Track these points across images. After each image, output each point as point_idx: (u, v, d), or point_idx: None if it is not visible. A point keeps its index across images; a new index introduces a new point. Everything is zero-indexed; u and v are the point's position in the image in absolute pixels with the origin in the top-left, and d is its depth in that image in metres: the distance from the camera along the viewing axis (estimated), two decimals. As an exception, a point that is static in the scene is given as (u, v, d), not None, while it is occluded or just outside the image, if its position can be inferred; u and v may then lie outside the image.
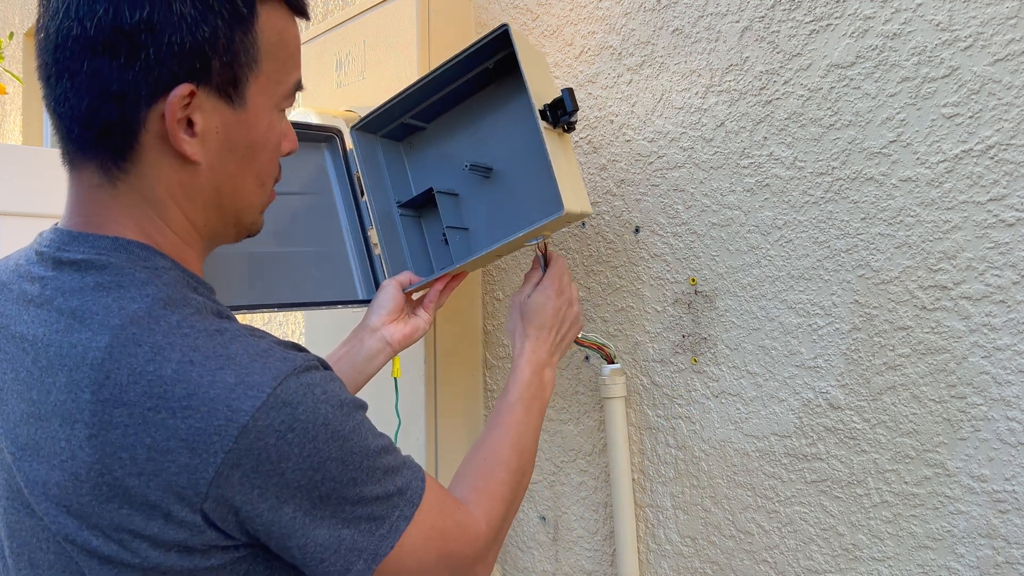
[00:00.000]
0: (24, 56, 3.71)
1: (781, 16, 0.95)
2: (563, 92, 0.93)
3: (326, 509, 0.62)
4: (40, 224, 0.76)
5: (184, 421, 0.57)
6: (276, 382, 0.59)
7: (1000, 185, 0.79)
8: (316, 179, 1.11)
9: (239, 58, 0.64)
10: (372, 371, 1.01)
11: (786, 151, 0.96)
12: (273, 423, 0.58)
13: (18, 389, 0.63)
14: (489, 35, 0.95)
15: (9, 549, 0.65)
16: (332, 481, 0.61)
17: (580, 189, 0.99)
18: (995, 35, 0.79)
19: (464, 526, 0.72)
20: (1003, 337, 0.80)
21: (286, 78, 0.70)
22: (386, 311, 1.01)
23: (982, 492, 0.82)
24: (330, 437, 0.61)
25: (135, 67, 0.60)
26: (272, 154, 0.71)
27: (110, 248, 0.64)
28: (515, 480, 0.83)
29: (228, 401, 0.57)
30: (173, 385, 0.57)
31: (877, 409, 0.89)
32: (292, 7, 0.69)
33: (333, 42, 1.39)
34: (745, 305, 1.00)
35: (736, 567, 1.02)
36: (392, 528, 0.65)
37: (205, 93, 0.63)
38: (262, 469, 0.58)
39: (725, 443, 1.03)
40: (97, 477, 0.58)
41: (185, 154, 0.64)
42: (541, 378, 0.96)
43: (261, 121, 0.68)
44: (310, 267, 1.09)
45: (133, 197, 0.65)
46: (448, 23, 1.28)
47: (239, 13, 0.63)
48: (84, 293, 0.62)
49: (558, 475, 1.25)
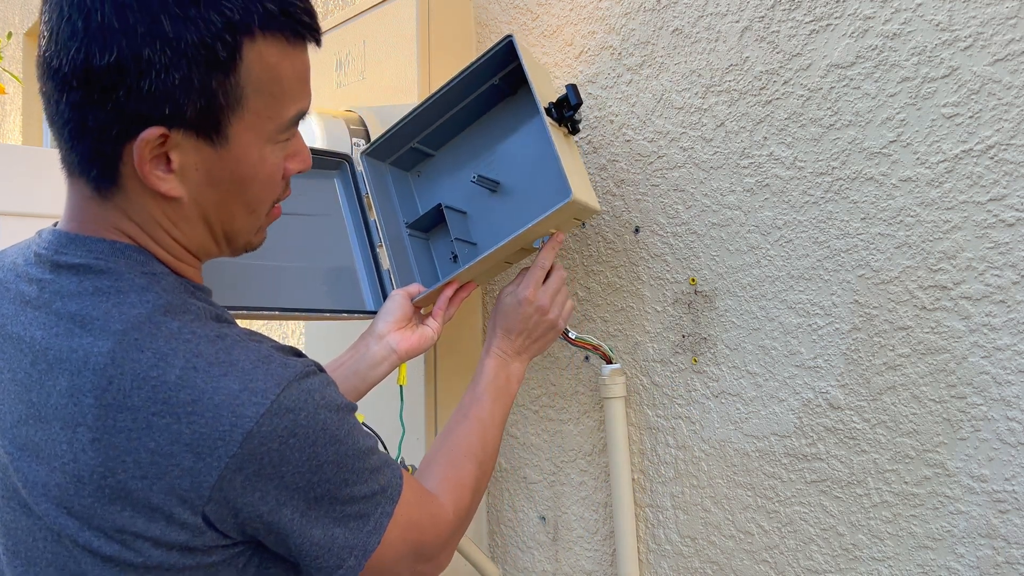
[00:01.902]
0: (24, 56, 3.70)
1: (781, 16, 0.95)
2: (567, 88, 0.94)
3: (320, 509, 0.64)
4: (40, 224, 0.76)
5: (188, 426, 0.58)
6: (279, 388, 0.60)
7: (1000, 185, 0.79)
8: (327, 202, 1.13)
9: (217, 100, 0.62)
10: (376, 378, 1.00)
11: (786, 151, 0.96)
12: (276, 429, 0.59)
13: (16, 390, 0.63)
14: (495, 47, 0.97)
15: (4, 547, 0.65)
16: (327, 483, 0.63)
17: (587, 186, 1.00)
18: (995, 35, 0.79)
19: (436, 517, 0.75)
20: (1003, 337, 0.80)
21: (279, 113, 0.67)
22: (393, 318, 1.02)
23: (982, 492, 0.82)
24: (328, 441, 0.63)
25: (107, 107, 0.59)
26: (265, 184, 0.69)
27: (108, 253, 0.64)
28: (481, 471, 0.87)
29: (233, 407, 0.58)
30: (177, 390, 0.58)
31: (877, 409, 0.89)
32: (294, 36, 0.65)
33: (333, 42, 1.39)
34: (745, 305, 1.00)
35: (736, 567, 1.02)
36: (377, 524, 0.67)
37: (180, 134, 0.62)
38: (264, 473, 0.60)
39: (725, 443, 1.03)
40: (100, 480, 0.58)
41: (159, 191, 0.63)
42: (507, 372, 0.98)
43: (248, 157, 0.66)
44: (319, 280, 1.10)
45: (122, 215, 0.65)
46: (448, 23, 1.28)
47: (216, 58, 0.60)
48: (83, 297, 0.62)
49: (558, 475, 1.25)
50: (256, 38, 0.62)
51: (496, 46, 0.97)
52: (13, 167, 1.78)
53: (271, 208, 0.73)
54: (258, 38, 0.62)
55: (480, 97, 1.08)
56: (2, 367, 0.65)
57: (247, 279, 1.03)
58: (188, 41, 0.59)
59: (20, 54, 3.71)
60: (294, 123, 0.69)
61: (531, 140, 1.07)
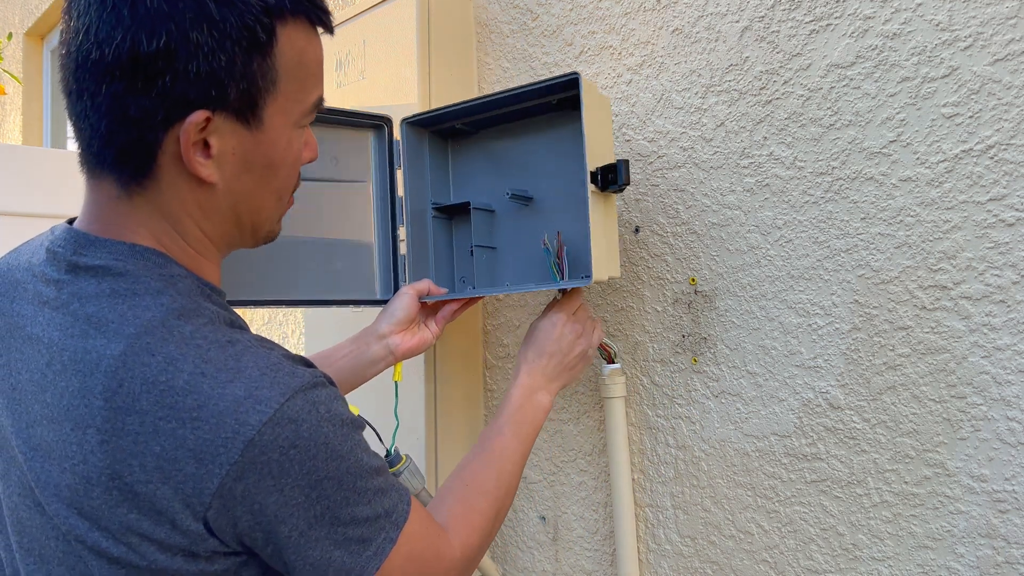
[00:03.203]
0: (24, 57, 3.70)
1: (781, 16, 0.95)
2: (619, 164, 0.93)
3: (320, 530, 0.63)
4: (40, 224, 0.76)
5: (193, 432, 0.58)
6: (284, 398, 0.60)
7: (1000, 185, 0.79)
8: (357, 166, 1.10)
9: (256, 83, 0.64)
10: (370, 376, 1.02)
11: (786, 151, 0.96)
12: (278, 439, 0.59)
13: (32, 391, 0.64)
14: (558, 78, 0.95)
15: (18, 544, 0.66)
16: (327, 499, 0.62)
17: (613, 250, 1.00)
18: (995, 35, 0.79)
19: (441, 554, 0.73)
20: (1003, 337, 0.80)
21: (305, 97, 0.69)
22: (396, 321, 1.02)
23: (982, 492, 0.82)
24: (329, 456, 0.62)
25: (151, 93, 0.60)
26: (291, 169, 0.72)
27: (127, 255, 0.65)
28: (494, 509, 0.83)
29: (236, 414, 0.58)
30: (184, 396, 0.58)
31: (877, 409, 0.89)
32: (315, 21, 0.69)
33: (333, 42, 1.39)
34: (745, 305, 1.00)
35: (736, 567, 1.02)
36: (378, 550, 0.65)
37: (222, 118, 0.63)
38: (264, 484, 0.59)
39: (725, 443, 1.03)
40: (108, 481, 0.59)
41: (200, 176, 0.64)
42: (532, 403, 0.94)
43: (280, 140, 0.68)
44: (333, 259, 1.09)
45: (149, 210, 0.66)
46: (448, 23, 1.28)
47: (257, 40, 0.63)
48: (100, 299, 0.62)
49: (558, 475, 1.25)
50: (287, 22, 0.65)
51: (561, 77, 0.95)
52: (13, 167, 1.78)
53: (290, 197, 0.75)
54: (288, 21, 0.66)
55: (534, 107, 1.07)
56: (20, 368, 0.65)
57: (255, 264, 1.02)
58: (232, 23, 0.61)
59: (20, 54, 3.71)
60: (315, 108, 0.72)
61: (571, 170, 1.05)
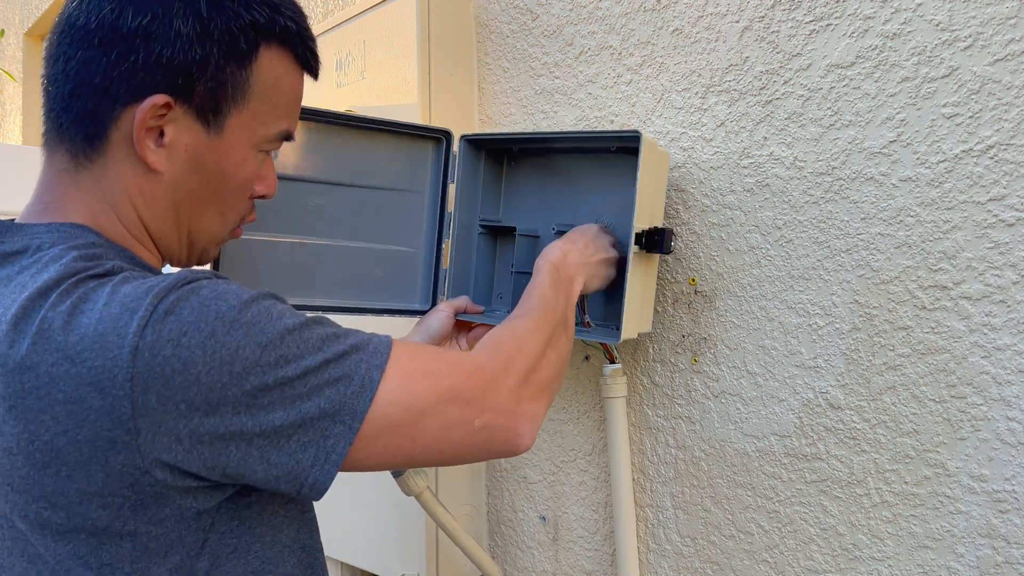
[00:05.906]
0: (24, 56, 3.71)
1: (781, 16, 0.95)
2: (664, 231, 0.95)
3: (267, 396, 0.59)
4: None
5: (83, 365, 0.56)
6: (156, 298, 0.57)
7: (1000, 185, 0.79)
8: (413, 176, 1.11)
9: (226, 88, 0.67)
10: None
11: (786, 151, 0.96)
12: (162, 334, 0.56)
13: None
14: (619, 132, 0.97)
15: None
16: (257, 367, 0.58)
17: (647, 308, 1.02)
18: (995, 35, 0.79)
19: (458, 361, 0.68)
20: (1003, 337, 0.80)
21: (272, 123, 0.71)
22: (431, 336, 1.02)
23: (982, 492, 0.82)
24: (230, 327, 0.58)
25: (122, 67, 0.63)
26: (239, 189, 0.72)
27: (43, 232, 0.65)
28: (535, 327, 0.78)
29: (116, 330, 0.56)
30: (66, 335, 0.57)
31: (877, 409, 0.89)
32: (300, 60, 0.72)
33: (333, 42, 1.39)
34: (745, 305, 1.00)
35: (736, 567, 1.02)
36: (365, 381, 0.61)
37: (182, 110, 0.65)
38: (174, 383, 0.56)
39: (725, 443, 1.03)
40: (28, 446, 0.58)
41: (147, 162, 0.66)
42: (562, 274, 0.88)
43: (234, 154, 0.70)
44: (375, 264, 1.09)
45: (92, 187, 0.67)
46: (448, 23, 1.28)
47: (237, 47, 0.66)
48: (10, 280, 0.63)
49: (558, 475, 1.25)
50: (272, 45, 0.69)
51: (623, 132, 0.96)
52: (13, 167, 1.78)
53: (236, 225, 0.76)
54: (274, 46, 0.69)
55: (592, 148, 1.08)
56: None
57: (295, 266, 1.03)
58: (218, 25, 0.64)
59: (20, 54, 3.72)
60: (279, 139, 0.73)
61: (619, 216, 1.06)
